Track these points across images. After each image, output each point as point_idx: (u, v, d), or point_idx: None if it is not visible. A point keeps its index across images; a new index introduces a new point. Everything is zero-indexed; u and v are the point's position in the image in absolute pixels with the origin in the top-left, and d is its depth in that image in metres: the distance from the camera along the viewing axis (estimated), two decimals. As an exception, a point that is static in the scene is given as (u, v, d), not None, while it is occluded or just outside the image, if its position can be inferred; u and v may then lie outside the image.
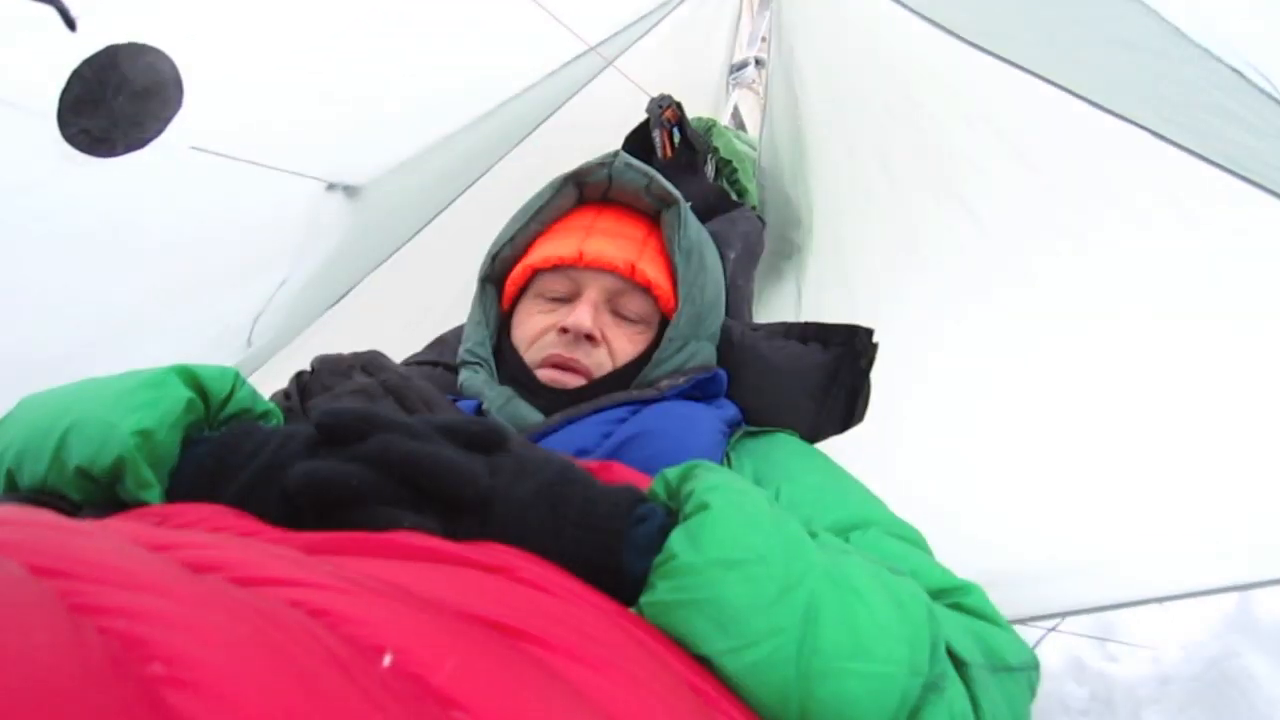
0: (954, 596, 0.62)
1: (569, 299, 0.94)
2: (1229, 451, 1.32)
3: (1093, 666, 2.16)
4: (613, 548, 0.48)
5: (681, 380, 0.91)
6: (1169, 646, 2.11)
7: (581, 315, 0.90)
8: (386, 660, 0.31)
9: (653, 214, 1.01)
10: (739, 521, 0.47)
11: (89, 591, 0.28)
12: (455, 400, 0.92)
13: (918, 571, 0.61)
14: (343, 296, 1.93)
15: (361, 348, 0.86)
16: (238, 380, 0.61)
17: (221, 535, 0.44)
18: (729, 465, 0.83)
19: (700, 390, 0.93)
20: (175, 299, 1.43)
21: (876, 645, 0.45)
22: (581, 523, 0.49)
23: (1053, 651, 2.16)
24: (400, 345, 1.21)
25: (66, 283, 1.23)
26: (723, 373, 0.97)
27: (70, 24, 0.95)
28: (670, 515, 0.51)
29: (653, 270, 0.94)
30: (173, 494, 0.53)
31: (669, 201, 0.99)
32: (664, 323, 0.97)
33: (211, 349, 1.61)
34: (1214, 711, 1.89)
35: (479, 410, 0.89)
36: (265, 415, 0.63)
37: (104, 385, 0.56)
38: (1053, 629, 1.94)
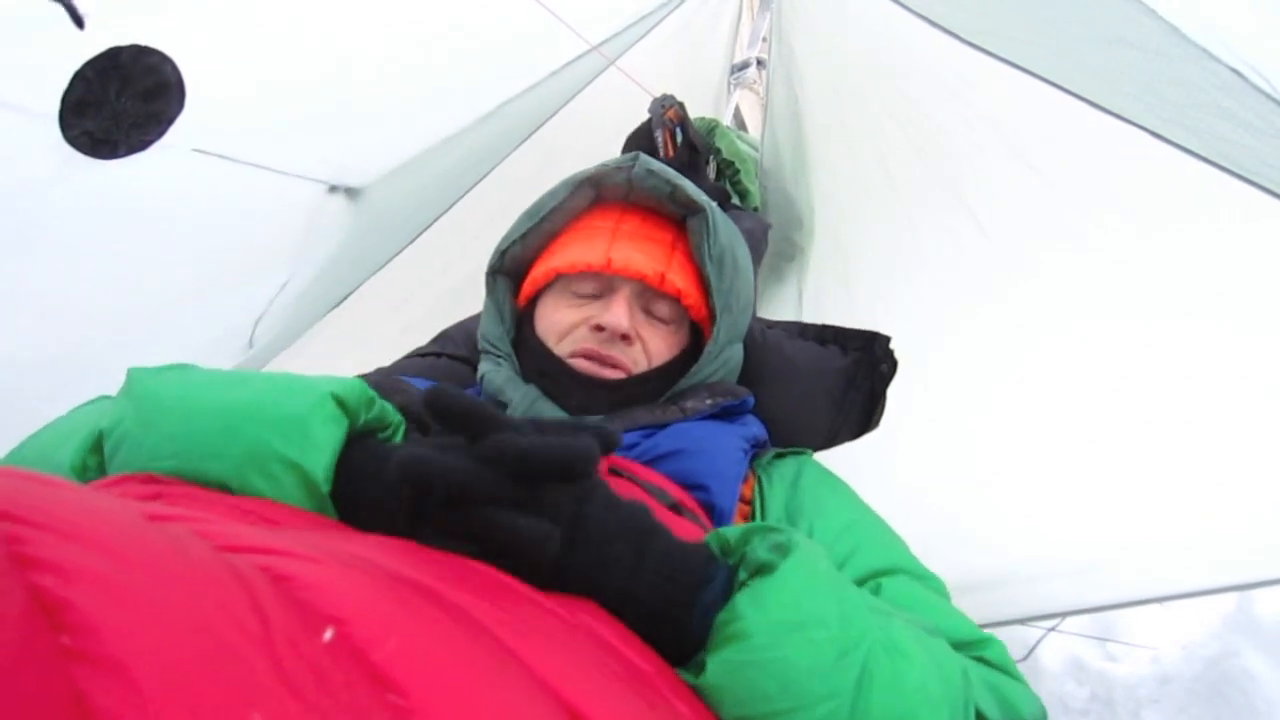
0: (977, 649, 0.65)
1: (598, 294, 0.93)
2: (1229, 452, 1.32)
3: (1093, 666, 2.16)
4: (685, 602, 0.50)
5: (708, 404, 0.90)
6: (1169, 646, 2.11)
7: (619, 315, 0.88)
8: (328, 635, 0.32)
9: (677, 218, 0.98)
10: (804, 583, 0.49)
11: (36, 540, 0.28)
12: None
13: (945, 622, 0.65)
14: (345, 298, 1.94)
15: (363, 350, 0.86)
16: (372, 400, 0.60)
17: (210, 511, 0.45)
18: (759, 485, 0.84)
19: (724, 413, 0.92)
20: (176, 300, 1.43)
21: (921, 710, 0.49)
22: (660, 571, 0.51)
23: (1053, 651, 2.16)
24: (401, 347, 1.21)
25: (67, 284, 1.23)
26: (750, 399, 0.96)
27: (78, 22, 0.95)
28: (731, 573, 0.52)
29: (681, 280, 0.92)
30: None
31: (695, 208, 0.95)
32: (692, 323, 0.96)
33: (213, 350, 1.61)
34: (1214, 711, 1.89)
35: None
36: (389, 427, 0.62)
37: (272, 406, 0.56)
38: (1053, 629, 1.95)
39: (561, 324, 0.92)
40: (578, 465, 0.50)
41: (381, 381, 0.79)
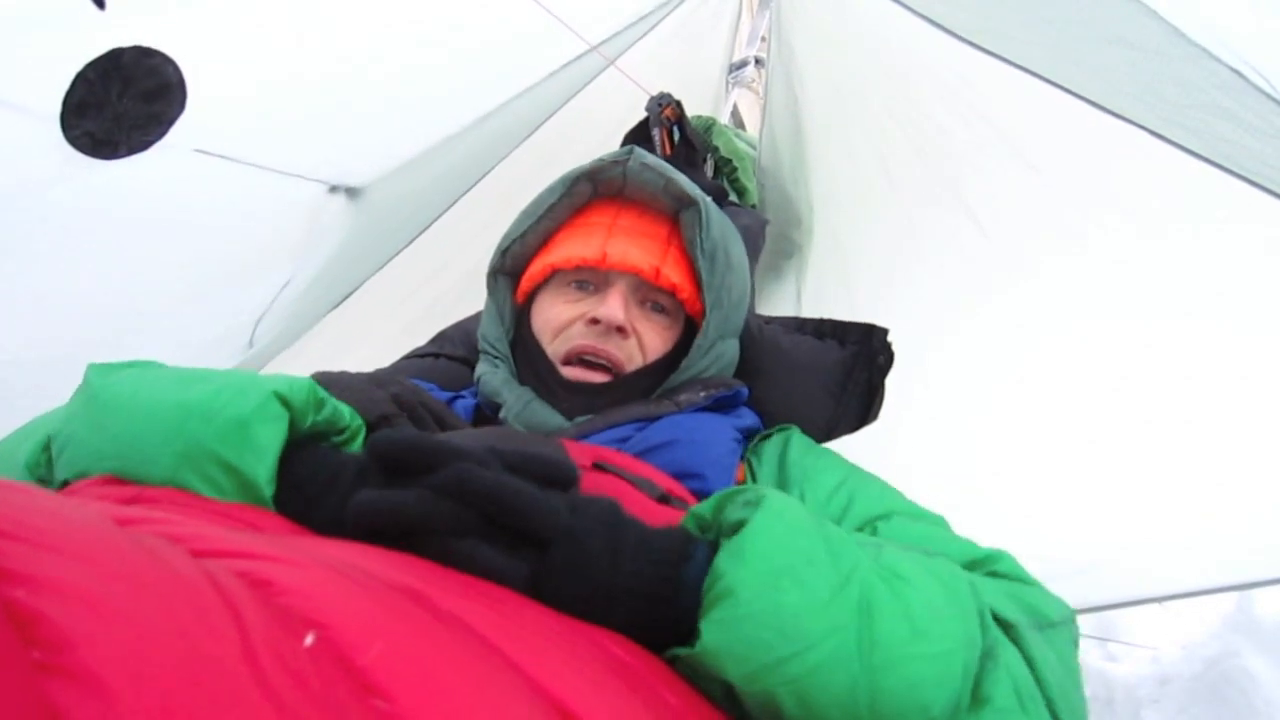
0: (988, 566, 0.63)
1: (595, 289, 0.93)
2: (1229, 452, 1.32)
3: (1093, 666, 2.16)
4: (670, 581, 0.48)
5: (701, 396, 0.91)
6: (1169, 646, 2.11)
7: (614, 308, 0.88)
8: (309, 640, 0.31)
9: (672, 212, 0.98)
10: (780, 528, 0.48)
11: (7, 551, 0.28)
12: (454, 399, 0.92)
13: (948, 548, 0.63)
14: (345, 298, 1.94)
15: (363, 349, 0.86)
16: (322, 402, 0.58)
17: (188, 515, 0.44)
18: (750, 469, 0.84)
19: (717, 405, 0.93)
20: (177, 300, 1.44)
21: (932, 626, 0.46)
22: (637, 560, 0.49)
23: (1053, 651, 2.16)
24: (401, 347, 1.21)
25: (68, 283, 1.23)
26: (744, 390, 0.96)
27: (99, 2, 0.95)
28: (713, 546, 0.51)
29: (676, 274, 0.93)
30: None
31: (688, 201, 0.95)
32: (688, 317, 0.97)
33: (213, 349, 1.61)
34: (1214, 711, 1.89)
35: (477, 410, 0.89)
36: (344, 431, 0.60)
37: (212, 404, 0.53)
38: (1053, 629, 1.95)
39: (557, 319, 0.92)
40: (541, 518, 0.47)
41: (377, 375, 0.80)
